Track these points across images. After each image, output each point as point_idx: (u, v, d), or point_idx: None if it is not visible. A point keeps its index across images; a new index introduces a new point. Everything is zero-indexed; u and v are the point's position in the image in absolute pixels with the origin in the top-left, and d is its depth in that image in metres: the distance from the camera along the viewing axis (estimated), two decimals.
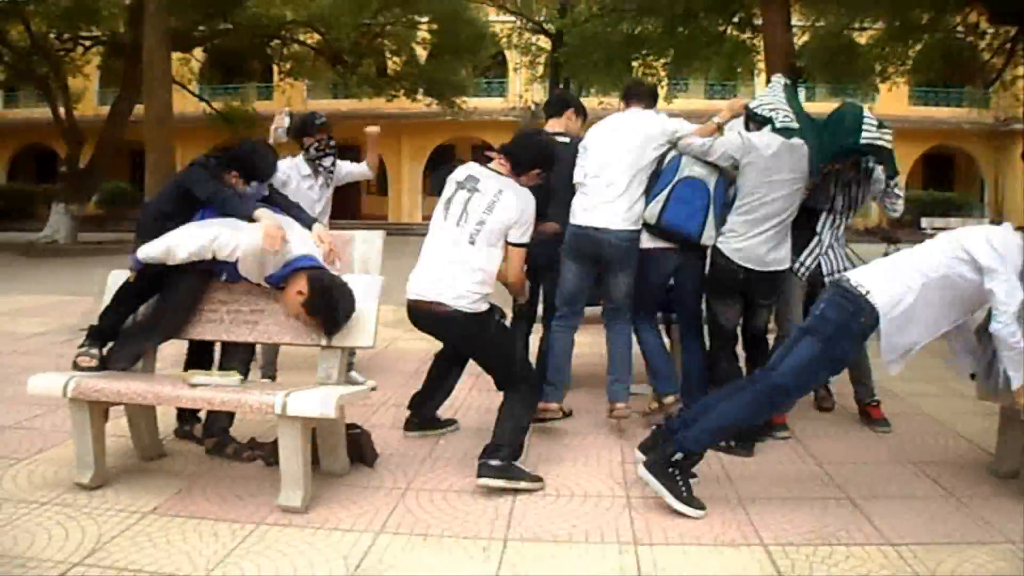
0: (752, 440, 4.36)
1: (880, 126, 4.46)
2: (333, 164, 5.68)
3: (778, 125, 4.52)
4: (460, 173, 4.07)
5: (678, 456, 3.57)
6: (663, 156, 4.59)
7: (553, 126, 5.07)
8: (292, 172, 5.56)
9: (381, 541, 3.21)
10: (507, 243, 3.99)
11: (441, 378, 4.66)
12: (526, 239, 4.04)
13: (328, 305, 3.75)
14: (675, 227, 4.48)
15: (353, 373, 5.71)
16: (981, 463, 4.22)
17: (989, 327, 3.52)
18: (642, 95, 4.84)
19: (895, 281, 3.52)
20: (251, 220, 3.89)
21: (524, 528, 3.35)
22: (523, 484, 3.74)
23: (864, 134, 4.42)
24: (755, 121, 4.65)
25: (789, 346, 3.70)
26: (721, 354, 4.67)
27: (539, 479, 3.83)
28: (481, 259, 3.89)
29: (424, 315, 3.94)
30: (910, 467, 4.19)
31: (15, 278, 13.33)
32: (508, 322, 4.34)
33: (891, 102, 24.48)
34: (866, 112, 4.53)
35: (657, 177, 4.57)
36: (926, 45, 18.35)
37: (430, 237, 4.04)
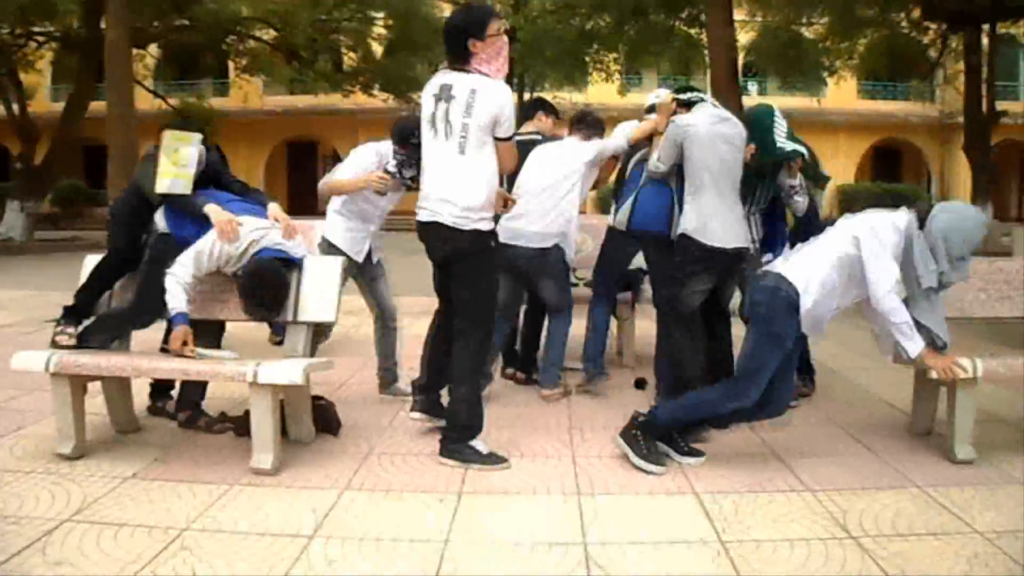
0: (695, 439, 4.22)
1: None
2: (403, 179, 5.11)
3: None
4: (434, 85, 3.90)
5: (643, 419, 3.92)
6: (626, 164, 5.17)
7: (526, 127, 5.64)
8: (362, 163, 5.09)
9: (346, 497, 3.48)
10: (494, 139, 3.84)
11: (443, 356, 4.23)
12: (509, 133, 3.88)
13: (248, 288, 3.99)
14: (645, 229, 4.80)
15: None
16: (901, 424, 4.62)
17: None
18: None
19: (803, 265, 3.77)
20: (201, 217, 4.08)
21: (477, 484, 3.65)
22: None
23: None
24: (685, 106, 4.66)
25: None
26: (686, 333, 4.56)
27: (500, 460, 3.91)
28: (474, 166, 3.81)
29: (430, 235, 3.93)
30: (837, 429, 4.57)
31: None
32: None
33: (840, 96, 25.07)
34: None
35: (623, 185, 5.08)
36: (871, 40, 18.89)
37: (425, 158, 3.96)
